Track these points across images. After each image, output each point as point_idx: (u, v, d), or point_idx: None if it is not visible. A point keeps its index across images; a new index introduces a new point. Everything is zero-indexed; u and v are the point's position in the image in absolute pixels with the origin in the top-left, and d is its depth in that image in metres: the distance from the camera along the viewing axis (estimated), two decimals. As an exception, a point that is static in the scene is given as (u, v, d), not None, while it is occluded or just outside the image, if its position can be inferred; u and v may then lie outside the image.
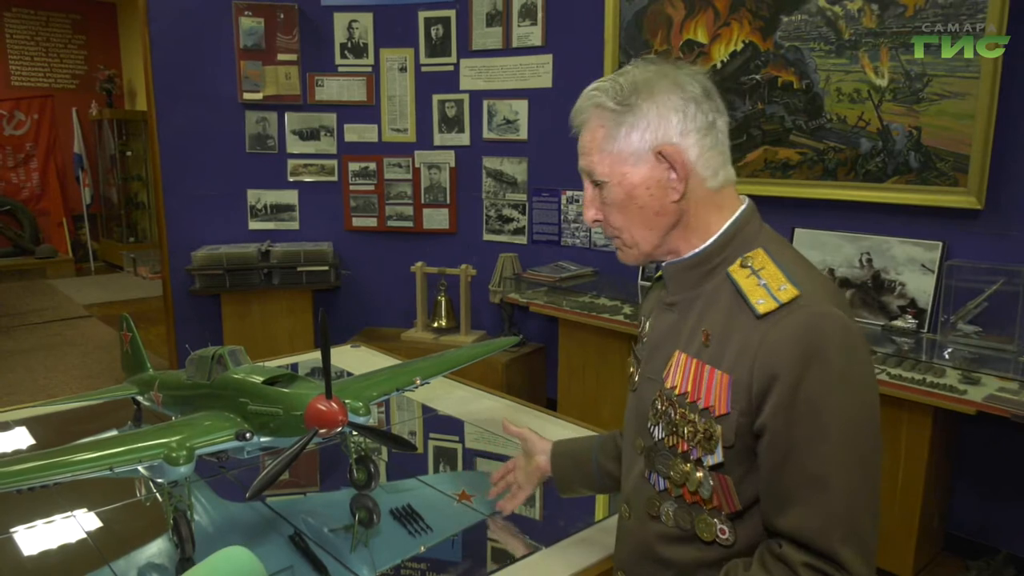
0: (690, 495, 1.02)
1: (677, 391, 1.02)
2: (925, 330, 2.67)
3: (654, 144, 1.01)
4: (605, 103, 1.03)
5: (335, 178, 4.31)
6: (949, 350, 2.53)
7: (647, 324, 1.18)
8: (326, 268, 4.15)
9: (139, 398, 1.75)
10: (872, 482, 0.93)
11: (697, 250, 1.05)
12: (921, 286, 2.69)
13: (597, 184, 1.06)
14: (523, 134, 3.93)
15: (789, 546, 0.92)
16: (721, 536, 1.00)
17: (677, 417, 1.02)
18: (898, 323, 2.69)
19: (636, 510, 1.11)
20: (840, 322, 0.92)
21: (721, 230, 1.04)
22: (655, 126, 1.00)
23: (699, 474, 0.99)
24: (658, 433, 1.05)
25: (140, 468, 1.20)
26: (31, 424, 1.89)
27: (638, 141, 1.01)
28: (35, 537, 1.38)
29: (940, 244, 2.65)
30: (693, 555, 1.03)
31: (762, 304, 0.95)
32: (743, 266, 1.01)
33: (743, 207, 1.06)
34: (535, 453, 1.40)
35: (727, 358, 0.96)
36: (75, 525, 1.42)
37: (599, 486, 1.37)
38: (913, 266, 2.71)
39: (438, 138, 4.17)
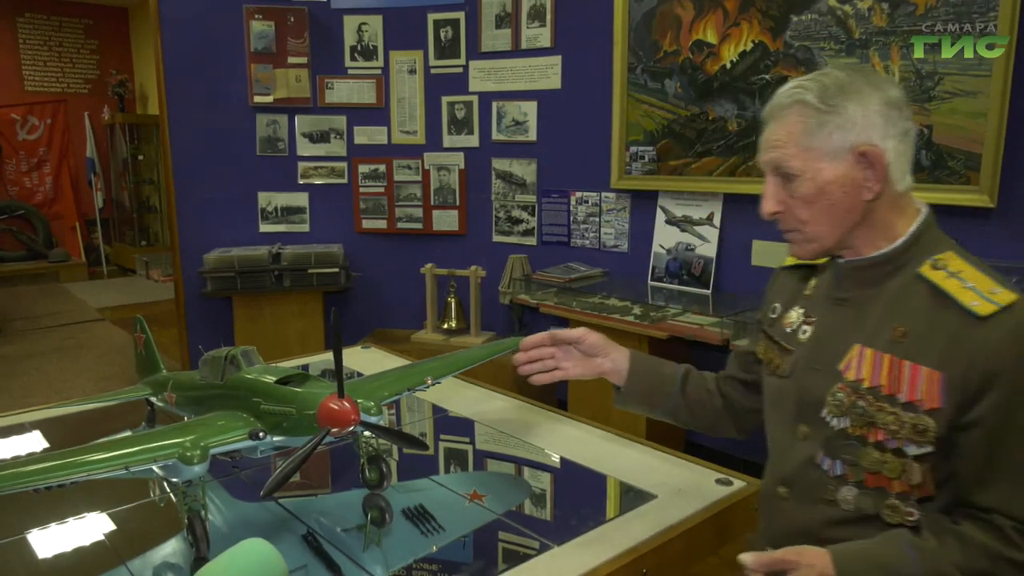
0: (873, 480, 1.07)
1: (866, 384, 1.08)
2: (937, 330, 2.65)
3: (856, 144, 1.07)
4: (810, 100, 1.08)
5: (345, 180, 4.33)
6: (962, 350, 2.51)
7: (793, 313, 1.25)
8: (336, 270, 4.16)
9: (153, 399, 1.76)
10: None
11: (884, 250, 1.12)
12: (933, 285, 2.67)
13: (785, 177, 1.11)
14: (532, 135, 3.93)
15: (997, 515, 1.01)
16: (909, 519, 1.06)
17: (873, 409, 1.07)
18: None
19: (800, 493, 1.17)
20: None
21: (909, 232, 1.11)
22: (860, 127, 1.06)
23: (901, 461, 1.05)
24: (840, 423, 1.11)
25: (155, 468, 1.21)
26: (45, 426, 1.90)
27: (839, 140, 1.07)
28: (50, 538, 1.39)
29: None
30: (872, 536, 1.07)
31: (978, 306, 1.00)
32: (936, 268, 1.07)
33: (925, 212, 1.14)
34: (597, 355, 1.41)
35: (933, 355, 1.03)
36: (89, 526, 1.43)
37: (669, 413, 1.45)
38: (925, 265, 2.69)
39: (447, 140, 4.18)
